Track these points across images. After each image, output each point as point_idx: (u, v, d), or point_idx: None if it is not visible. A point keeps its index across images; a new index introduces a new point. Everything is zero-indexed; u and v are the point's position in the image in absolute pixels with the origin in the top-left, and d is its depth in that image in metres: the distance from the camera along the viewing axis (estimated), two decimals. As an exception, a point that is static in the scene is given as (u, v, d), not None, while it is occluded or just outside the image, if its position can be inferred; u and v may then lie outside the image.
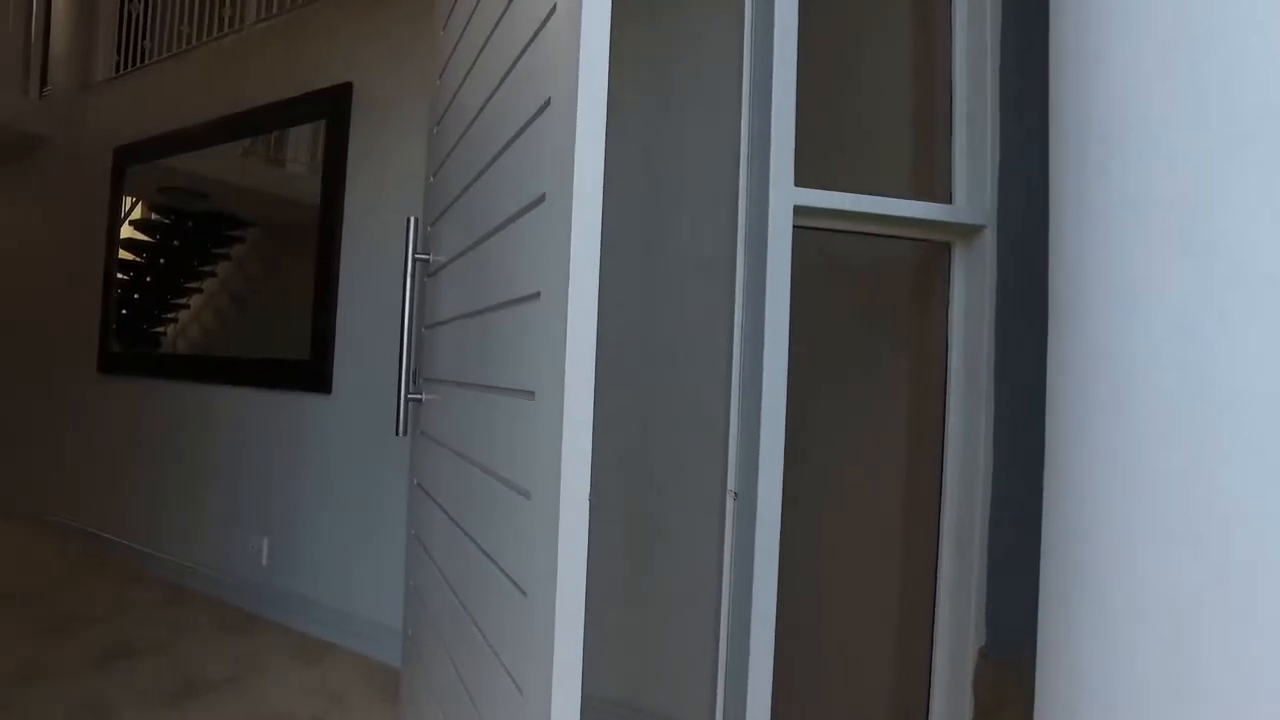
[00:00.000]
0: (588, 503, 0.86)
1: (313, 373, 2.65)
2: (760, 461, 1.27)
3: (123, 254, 3.54)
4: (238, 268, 3.05)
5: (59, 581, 3.07)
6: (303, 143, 2.87)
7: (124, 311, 3.51)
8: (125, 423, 3.52)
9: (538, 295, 0.94)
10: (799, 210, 1.29)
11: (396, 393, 1.68)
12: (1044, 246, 1.02)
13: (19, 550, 3.52)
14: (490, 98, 1.26)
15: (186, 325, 3.25)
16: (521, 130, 1.06)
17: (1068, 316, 0.93)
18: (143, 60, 3.74)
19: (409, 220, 1.71)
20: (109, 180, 3.70)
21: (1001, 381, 1.37)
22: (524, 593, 0.92)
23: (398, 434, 1.70)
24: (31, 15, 4.34)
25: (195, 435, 3.16)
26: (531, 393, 0.94)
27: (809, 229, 1.34)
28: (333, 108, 2.70)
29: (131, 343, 3.47)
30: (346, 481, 2.60)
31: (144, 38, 3.78)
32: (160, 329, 3.34)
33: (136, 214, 3.56)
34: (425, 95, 2.47)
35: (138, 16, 3.87)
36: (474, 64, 1.39)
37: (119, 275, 3.57)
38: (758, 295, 1.29)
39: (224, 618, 2.77)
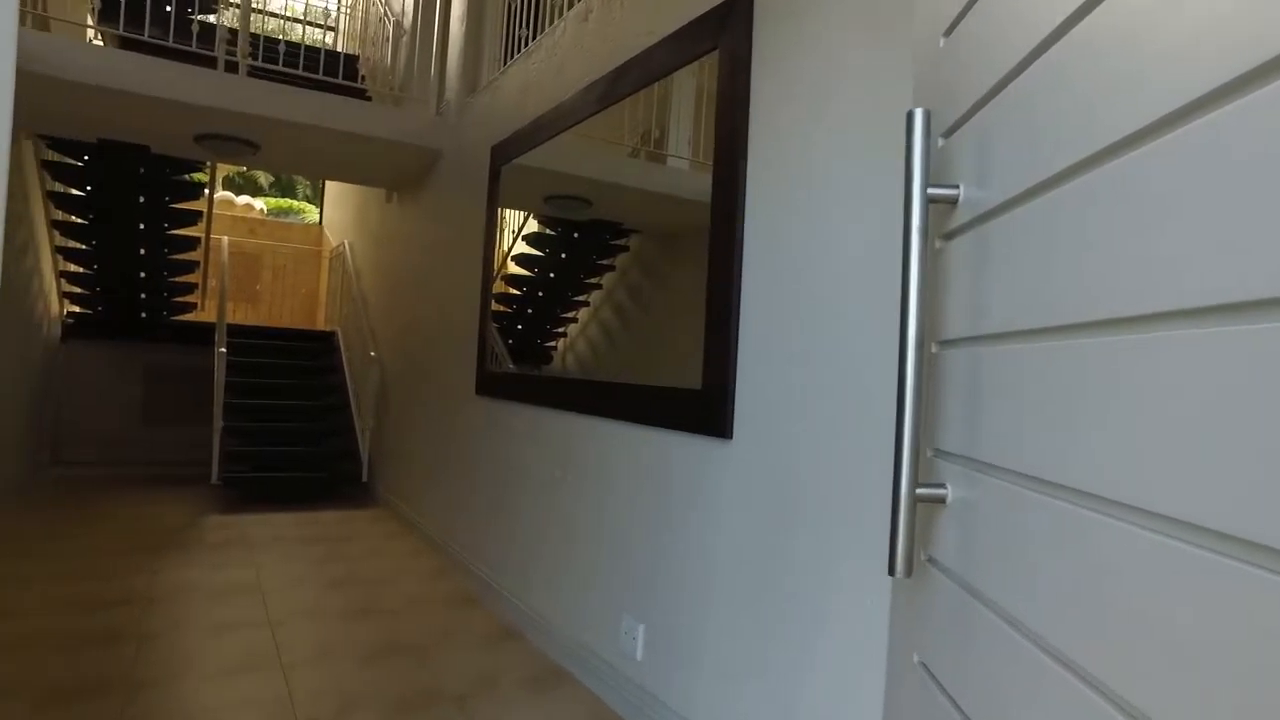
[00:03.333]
0: None
1: (705, 410, 1.93)
2: None
3: (516, 270, 3.35)
4: (620, 279, 2.57)
5: (434, 631, 2.83)
6: (683, 134, 2.33)
7: (519, 327, 3.32)
8: (495, 451, 3.26)
9: None
10: None
11: (892, 489, 0.81)
12: None
13: (411, 578, 3.45)
14: None
15: (573, 341, 2.88)
16: None
17: None
18: (519, 49, 3.50)
19: (912, 117, 0.83)
20: (487, 185, 3.51)
21: None
22: None
23: (893, 572, 0.82)
24: (433, 33, 4.50)
25: (567, 475, 2.69)
26: None
27: None
28: (725, 31, 1.97)
29: (525, 360, 3.22)
30: (749, 571, 1.82)
31: (522, 26, 3.55)
32: (551, 344, 3.02)
33: (530, 228, 3.36)
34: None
35: (515, 8, 3.66)
36: None
37: (513, 291, 3.38)
38: None
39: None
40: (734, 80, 1.93)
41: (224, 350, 4.97)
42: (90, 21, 4.94)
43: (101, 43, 4.83)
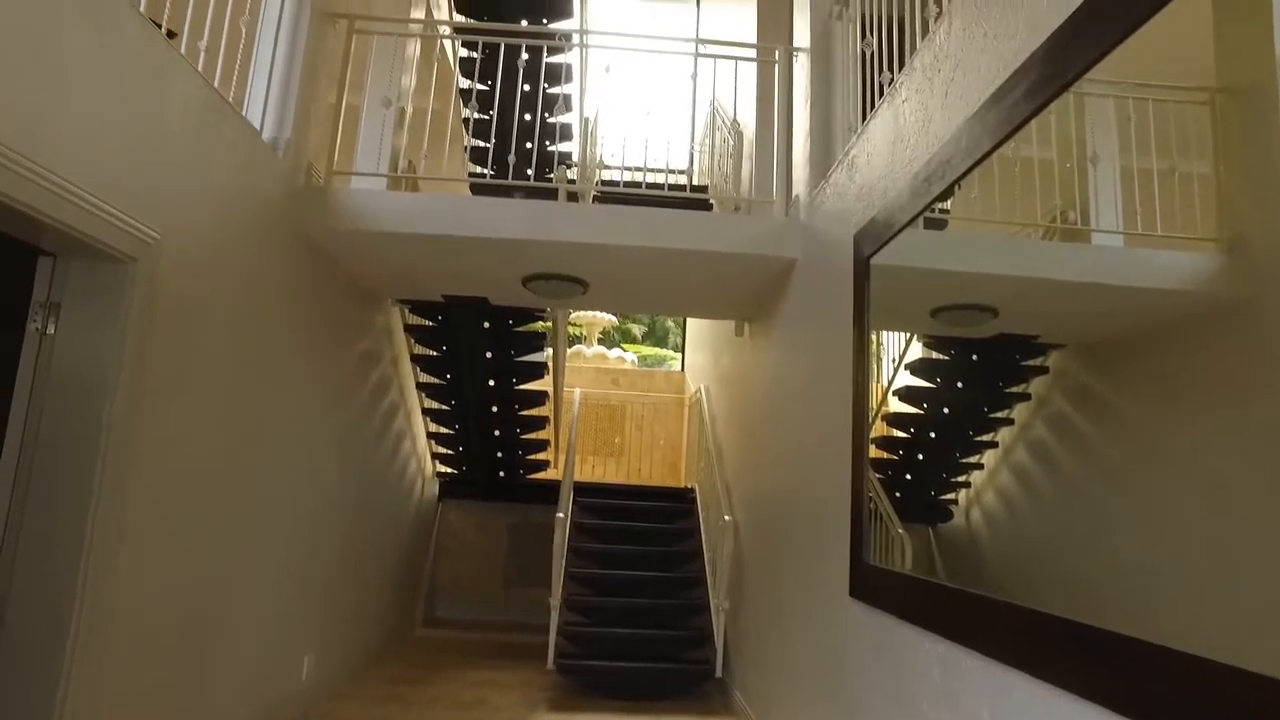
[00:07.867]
0: None
1: None
2: None
3: (899, 407, 2.37)
4: (1037, 411, 1.52)
5: None
6: (1114, 198, 1.51)
7: (907, 477, 2.32)
8: (881, 691, 2.08)
9: None
10: None
11: None
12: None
13: None
14: None
15: (979, 493, 1.83)
16: None
17: None
18: (879, 99, 2.59)
19: None
20: (852, 288, 2.56)
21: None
22: None
23: None
24: (772, 122, 3.84)
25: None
26: None
27: None
28: None
29: (914, 517, 2.21)
30: None
31: (882, 69, 2.65)
32: (950, 496, 1.96)
33: (912, 354, 2.40)
34: None
35: (871, 53, 2.79)
36: None
37: (897, 434, 2.40)
38: None
39: None
40: None
41: (563, 515, 4.54)
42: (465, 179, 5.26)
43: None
